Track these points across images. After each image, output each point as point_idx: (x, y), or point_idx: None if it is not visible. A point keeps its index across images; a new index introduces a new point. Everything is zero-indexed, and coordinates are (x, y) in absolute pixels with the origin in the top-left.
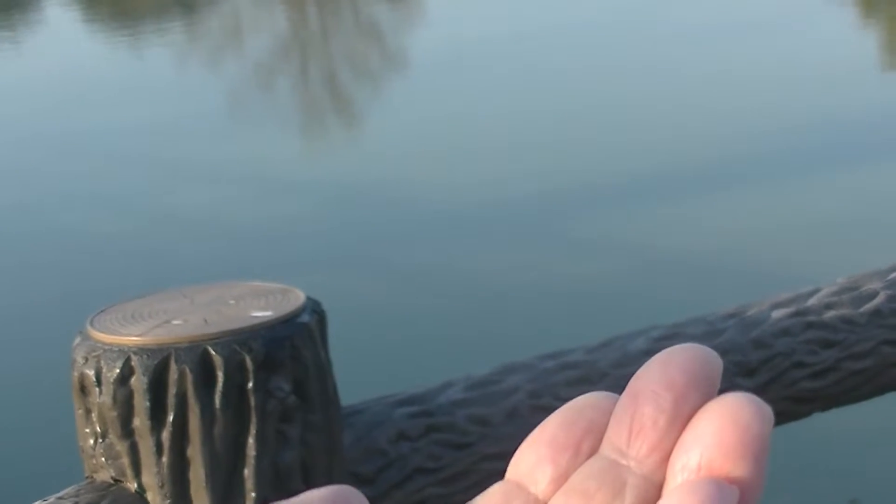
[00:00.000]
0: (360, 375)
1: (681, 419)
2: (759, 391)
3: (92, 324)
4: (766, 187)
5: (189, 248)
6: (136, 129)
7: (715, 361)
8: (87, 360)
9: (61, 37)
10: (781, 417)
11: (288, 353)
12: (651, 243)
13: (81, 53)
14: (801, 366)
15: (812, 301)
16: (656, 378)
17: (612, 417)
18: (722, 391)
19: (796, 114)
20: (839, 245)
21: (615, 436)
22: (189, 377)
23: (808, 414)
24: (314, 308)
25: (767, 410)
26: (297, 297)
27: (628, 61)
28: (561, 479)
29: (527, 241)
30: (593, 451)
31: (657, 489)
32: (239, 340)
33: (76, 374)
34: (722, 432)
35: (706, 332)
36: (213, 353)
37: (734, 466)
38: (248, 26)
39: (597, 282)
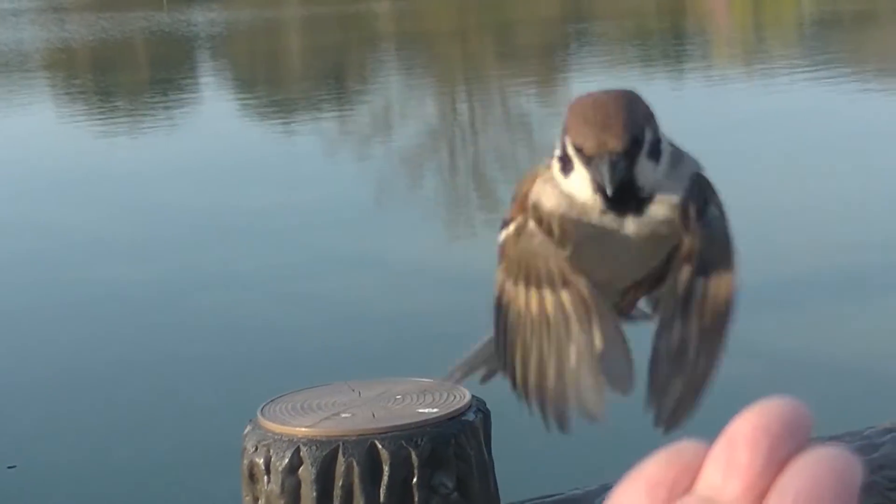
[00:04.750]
0: (518, 474)
1: (775, 464)
2: None
3: (262, 413)
4: None
5: (337, 337)
6: (285, 213)
7: (808, 415)
8: (257, 448)
9: (215, 118)
10: None
11: (453, 451)
12: (802, 350)
13: (233, 135)
14: None
15: None
16: (753, 424)
17: (709, 459)
18: None
19: None
20: None
21: (711, 475)
22: (356, 470)
23: None
24: (479, 406)
25: (860, 464)
26: (463, 395)
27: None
28: None
29: None
30: (688, 490)
31: None
32: (405, 436)
33: (246, 461)
34: (817, 478)
35: (862, 446)
36: (381, 447)
37: None
38: (397, 116)
39: (746, 387)
